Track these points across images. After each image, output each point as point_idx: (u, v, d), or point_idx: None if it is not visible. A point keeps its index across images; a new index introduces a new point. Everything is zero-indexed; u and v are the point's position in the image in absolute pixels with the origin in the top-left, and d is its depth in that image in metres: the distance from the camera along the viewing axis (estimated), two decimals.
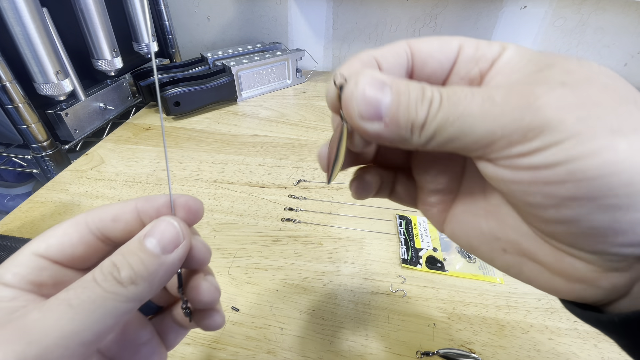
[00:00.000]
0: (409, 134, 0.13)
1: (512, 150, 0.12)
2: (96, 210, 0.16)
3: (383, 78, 0.13)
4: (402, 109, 0.12)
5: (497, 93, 0.12)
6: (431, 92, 0.12)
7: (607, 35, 0.72)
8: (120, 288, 0.13)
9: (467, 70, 0.15)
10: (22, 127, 0.47)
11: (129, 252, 0.14)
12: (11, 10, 0.40)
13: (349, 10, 0.77)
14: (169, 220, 0.15)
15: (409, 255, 0.36)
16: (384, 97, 0.13)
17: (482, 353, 0.28)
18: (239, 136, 0.57)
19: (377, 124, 0.13)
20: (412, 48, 0.15)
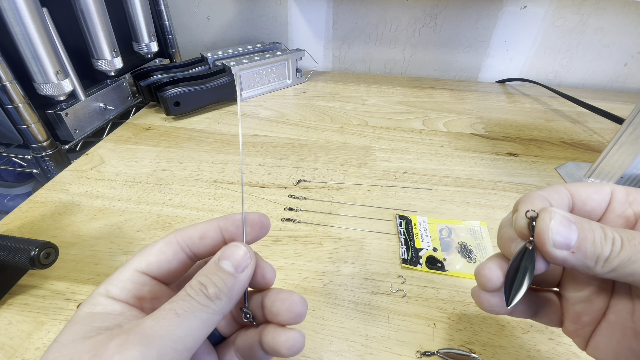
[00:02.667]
0: (593, 264, 0.16)
1: None
2: (185, 230, 0.19)
3: (569, 217, 0.16)
4: (589, 244, 0.16)
5: None
6: (612, 233, 0.16)
7: (607, 35, 0.72)
8: (209, 302, 0.16)
9: (621, 210, 0.18)
10: (22, 127, 0.47)
11: (210, 272, 0.17)
12: (11, 10, 0.40)
13: (349, 10, 0.77)
14: (237, 244, 0.18)
15: (409, 255, 0.36)
16: (572, 233, 0.16)
17: (482, 353, 0.28)
18: (239, 136, 0.57)
19: (566, 253, 0.16)
20: (571, 190, 0.19)
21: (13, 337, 0.29)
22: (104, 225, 0.40)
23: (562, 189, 0.18)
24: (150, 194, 0.44)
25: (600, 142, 0.58)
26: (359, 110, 0.66)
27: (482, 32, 0.76)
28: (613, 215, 0.18)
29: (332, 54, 0.84)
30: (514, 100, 0.72)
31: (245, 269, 0.17)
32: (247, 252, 0.18)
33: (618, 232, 0.16)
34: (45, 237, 0.37)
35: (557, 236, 0.16)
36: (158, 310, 0.15)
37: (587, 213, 0.18)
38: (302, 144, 0.55)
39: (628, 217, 0.18)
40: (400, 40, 0.79)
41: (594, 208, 0.18)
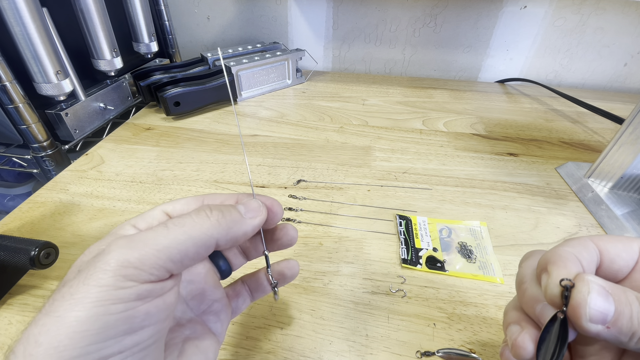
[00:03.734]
0: (627, 340, 0.15)
1: None
2: (210, 195, 0.22)
3: (606, 287, 0.15)
4: (626, 320, 0.15)
5: None
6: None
7: (607, 35, 0.72)
8: (206, 220, 0.17)
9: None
10: (22, 127, 0.47)
11: (223, 205, 0.19)
12: (11, 10, 0.40)
13: (349, 10, 0.77)
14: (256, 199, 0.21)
15: (409, 255, 0.36)
16: (610, 306, 0.15)
17: (482, 353, 0.28)
18: (238, 136, 0.57)
19: (601, 327, 0.15)
20: (599, 246, 0.17)
21: (13, 337, 0.29)
22: (104, 225, 0.40)
23: (591, 245, 0.17)
24: (150, 194, 0.44)
25: (600, 142, 0.58)
26: (359, 110, 0.66)
27: (482, 32, 0.76)
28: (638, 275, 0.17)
29: (332, 54, 0.84)
30: (514, 100, 0.72)
31: (254, 218, 0.19)
32: (261, 205, 0.20)
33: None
34: (45, 237, 0.37)
35: (594, 311, 0.15)
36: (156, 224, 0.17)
37: (614, 272, 0.18)
38: (302, 144, 0.55)
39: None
40: (400, 40, 0.79)
41: (622, 267, 0.17)
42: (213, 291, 0.23)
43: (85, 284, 0.14)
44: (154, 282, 0.15)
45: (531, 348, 0.17)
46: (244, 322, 0.30)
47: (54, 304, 0.14)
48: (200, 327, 0.21)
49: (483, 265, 0.35)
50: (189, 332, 0.20)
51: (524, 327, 0.18)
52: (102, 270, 0.14)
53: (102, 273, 0.14)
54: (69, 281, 0.15)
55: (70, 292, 0.14)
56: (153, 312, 0.16)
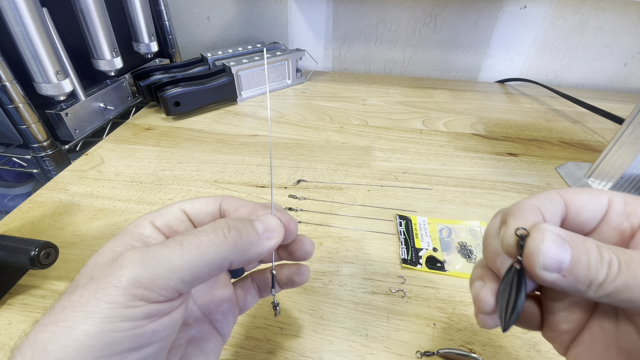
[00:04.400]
0: (585, 288, 0.14)
1: None
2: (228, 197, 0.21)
3: (562, 234, 0.15)
4: (582, 267, 0.14)
5: None
6: (609, 255, 0.14)
7: (607, 35, 0.72)
8: (223, 241, 0.17)
9: (617, 222, 0.17)
10: (22, 127, 0.47)
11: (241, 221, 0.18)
12: (11, 10, 0.40)
13: (349, 10, 0.77)
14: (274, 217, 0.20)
15: (409, 255, 0.36)
16: (565, 254, 0.14)
17: (482, 353, 0.28)
18: (239, 136, 0.57)
19: (556, 275, 0.15)
20: (565, 198, 0.17)
21: (13, 337, 0.29)
22: (104, 225, 0.40)
23: (556, 197, 0.17)
24: (150, 194, 0.44)
25: (600, 142, 0.58)
26: (359, 110, 0.66)
27: (482, 32, 0.76)
28: (607, 228, 0.17)
29: (332, 54, 0.84)
30: (514, 100, 0.72)
31: (270, 239, 0.19)
32: (279, 225, 0.19)
33: (616, 253, 0.14)
34: (45, 237, 0.37)
35: (548, 259, 0.14)
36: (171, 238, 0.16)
37: (580, 224, 0.17)
38: (302, 144, 0.55)
39: (623, 231, 0.16)
40: (400, 40, 0.79)
41: (588, 219, 0.17)
42: (223, 290, 0.23)
43: (96, 298, 0.14)
44: (162, 302, 0.15)
45: (492, 301, 0.17)
46: (245, 322, 0.30)
47: (64, 312, 0.14)
48: (207, 326, 0.21)
49: None
50: (195, 332, 0.20)
51: (486, 281, 0.18)
52: (113, 286, 0.14)
53: (113, 290, 0.14)
54: (80, 288, 0.15)
55: (80, 303, 0.14)
56: (159, 330, 0.16)
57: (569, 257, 0.14)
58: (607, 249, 0.14)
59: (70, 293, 0.15)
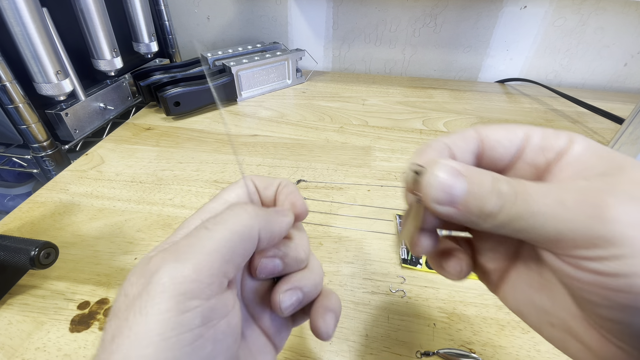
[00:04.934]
0: (479, 220, 0.14)
1: (577, 252, 0.13)
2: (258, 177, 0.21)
3: (458, 167, 0.15)
4: (473, 199, 0.14)
5: (569, 196, 0.13)
6: (502, 185, 0.14)
7: (607, 35, 0.72)
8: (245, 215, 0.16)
9: (533, 157, 0.16)
10: (22, 127, 0.47)
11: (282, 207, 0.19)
12: (11, 10, 0.40)
13: (349, 10, 0.77)
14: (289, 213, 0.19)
15: (409, 255, 0.36)
16: (458, 186, 0.14)
17: (482, 353, 0.28)
18: (239, 136, 0.57)
19: (449, 209, 0.15)
20: (480, 134, 0.17)
21: (13, 337, 0.29)
22: (104, 225, 0.40)
23: (472, 134, 0.17)
24: (150, 194, 0.44)
25: (600, 142, 0.58)
26: (359, 110, 0.66)
27: (482, 32, 0.76)
28: (523, 164, 0.17)
29: (332, 54, 0.84)
30: (514, 100, 0.72)
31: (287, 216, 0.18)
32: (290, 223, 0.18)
33: (512, 184, 0.14)
34: (45, 237, 0.37)
35: (439, 192, 0.14)
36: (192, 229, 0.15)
37: (495, 160, 0.17)
38: (302, 144, 0.55)
39: (538, 166, 0.16)
40: (400, 40, 0.79)
41: (502, 155, 0.17)
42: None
43: (142, 314, 0.12)
44: (215, 296, 0.14)
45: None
46: None
47: (115, 342, 0.13)
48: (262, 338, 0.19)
49: None
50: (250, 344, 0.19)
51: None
52: (157, 293, 0.13)
53: (158, 297, 0.13)
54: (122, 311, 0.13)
55: (128, 326, 0.12)
56: (221, 339, 0.14)
57: (462, 190, 0.14)
58: (503, 180, 0.14)
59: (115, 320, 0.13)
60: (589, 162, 0.14)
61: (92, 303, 0.32)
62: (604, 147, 0.15)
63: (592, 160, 0.14)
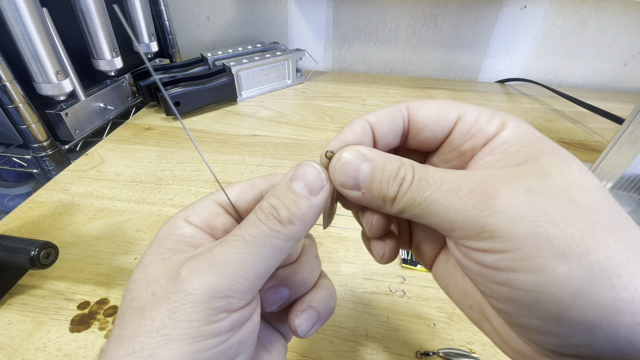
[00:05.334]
0: (383, 204, 0.15)
1: (466, 242, 0.13)
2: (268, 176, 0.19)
3: (364, 152, 0.15)
4: (376, 184, 0.15)
5: (465, 186, 0.13)
6: (404, 171, 0.14)
7: (607, 35, 0.72)
8: (281, 227, 0.15)
9: (459, 142, 0.16)
10: (22, 127, 0.47)
11: (282, 194, 0.15)
12: (11, 10, 0.40)
13: (349, 10, 0.77)
14: (310, 163, 0.16)
15: (409, 255, 0.36)
16: (362, 171, 0.15)
17: (482, 353, 0.28)
18: (239, 136, 0.57)
19: (356, 193, 0.15)
20: (410, 114, 0.16)
21: (13, 337, 0.29)
22: (104, 225, 0.40)
23: (401, 112, 0.16)
24: (150, 194, 0.44)
25: (600, 142, 0.58)
26: (359, 110, 0.66)
27: (482, 32, 0.76)
28: (449, 148, 0.16)
29: (332, 54, 0.84)
30: (514, 100, 0.72)
31: (321, 192, 0.16)
32: (320, 172, 0.16)
33: (416, 170, 0.14)
34: (45, 237, 0.37)
35: (343, 177, 0.15)
36: (227, 237, 0.15)
37: (421, 143, 0.17)
38: (302, 144, 0.55)
39: (464, 152, 0.16)
40: (400, 40, 0.79)
41: (429, 138, 0.16)
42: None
43: (172, 319, 0.12)
44: (243, 308, 0.14)
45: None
46: None
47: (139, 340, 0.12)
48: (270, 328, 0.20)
49: None
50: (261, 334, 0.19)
51: None
52: (189, 303, 0.13)
53: (190, 307, 0.13)
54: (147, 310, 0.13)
55: (155, 327, 0.12)
56: (244, 339, 0.14)
57: (365, 175, 0.15)
58: (408, 166, 0.14)
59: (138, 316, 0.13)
60: (510, 151, 0.14)
61: (92, 303, 0.32)
62: (533, 135, 0.14)
63: (513, 148, 0.14)
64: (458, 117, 0.16)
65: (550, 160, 0.13)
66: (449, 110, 0.16)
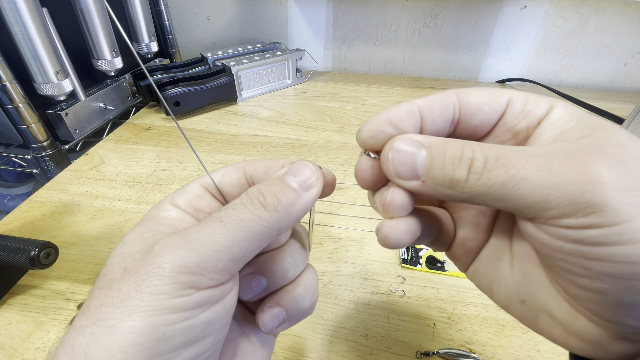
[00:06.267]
0: (450, 191, 0.13)
1: (562, 221, 0.12)
2: (253, 162, 0.19)
3: (417, 139, 0.14)
4: (437, 169, 0.13)
5: (553, 160, 0.12)
6: (472, 152, 0.13)
7: (607, 35, 0.72)
8: (263, 212, 0.14)
9: (513, 123, 0.15)
10: (22, 127, 0.47)
11: (272, 183, 0.15)
12: (11, 10, 0.40)
13: (349, 10, 0.77)
14: (306, 162, 0.17)
15: (409, 255, 0.36)
16: (420, 158, 0.14)
17: (482, 353, 0.28)
18: (239, 136, 0.57)
19: (415, 182, 0.14)
20: (461, 100, 0.15)
21: (13, 337, 0.29)
22: (104, 225, 0.40)
23: (451, 99, 0.15)
24: (150, 194, 0.44)
25: None
26: (359, 110, 0.66)
27: (482, 32, 0.76)
28: (502, 130, 0.15)
29: (332, 54, 0.84)
30: None
31: (311, 189, 0.16)
32: (314, 170, 0.16)
33: (484, 150, 0.13)
34: (45, 237, 0.37)
35: (399, 166, 0.14)
36: (206, 218, 0.14)
37: (473, 128, 0.16)
38: (302, 144, 0.55)
39: (518, 132, 0.15)
40: (400, 40, 0.79)
41: (482, 122, 0.15)
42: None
43: (138, 290, 0.12)
44: (213, 287, 0.14)
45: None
46: None
47: (103, 310, 0.12)
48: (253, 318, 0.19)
49: None
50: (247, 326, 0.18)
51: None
52: (156, 276, 0.13)
53: (156, 279, 0.12)
54: (116, 281, 0.13)
55: (120, 298, 0.12)
56: (214, 320, 0.14)
57: (423, 162, 0.14)
58: (473, 147, 0.13)
59: (106, 289, 0.13)
60: (568, 126, 0.13)
61: None
62: (580, 111, 0.14)
63: (570, 124, 0.13)
64: (508, 100, 0.15)
65: (613, 130, 0.12)
66: (499, 93, 0.15)
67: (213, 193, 0.18)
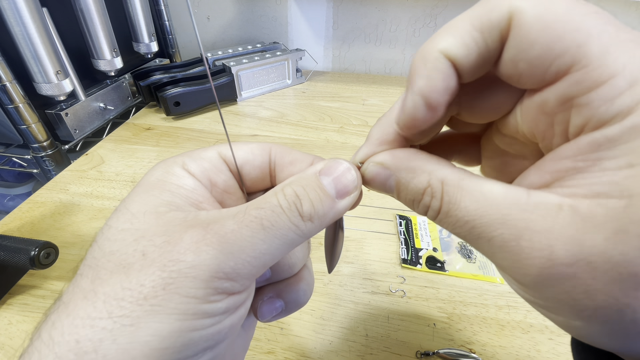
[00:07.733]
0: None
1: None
2: (281, 149, 0.17)
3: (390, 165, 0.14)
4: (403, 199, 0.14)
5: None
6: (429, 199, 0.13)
7: None
8: (300, 222, 0.13)
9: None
10: (22, 127, 0.47)
11: (309, 185, 0.14)
12: (11, 10, 0.40)
13: (349, 10, 0.77)
14: (348, 165, 0.15)
15: (409, 255, 0.36)
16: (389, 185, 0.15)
17: (482, 353, 0.28)
18: (239, 136, 0.57)
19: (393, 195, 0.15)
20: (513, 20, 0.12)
21: (13, 337, 0.29)
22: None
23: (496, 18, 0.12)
24: None
25: None
26: (359, 110, 0.66)
27: None
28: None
29: (332, 54, 0.84)
30: None
31: (347, 197, 0.15)
32: (355, 177, 0.15)
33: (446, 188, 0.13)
34: (45, 237, 0.37)
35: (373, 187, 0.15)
36: (242, 213, 0.13)
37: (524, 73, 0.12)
38: (302, 144, 0.55)
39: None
40: (400, 40, 0.79)
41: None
42: None
43: (166, 290, 0.11)
44: (242, 292, 0.13)
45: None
46: None
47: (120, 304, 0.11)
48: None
49: (483, 265, 0.35)
50: None
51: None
52: (189, 277, 0.11)
53: (189, 281, 0.11)
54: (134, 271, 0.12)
55: (143, 294, 0.11)
56: (236, 324, 0.13)
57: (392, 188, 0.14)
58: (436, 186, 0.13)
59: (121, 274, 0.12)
60: None
61: None
62: None
63: None
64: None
65: None
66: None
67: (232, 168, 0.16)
